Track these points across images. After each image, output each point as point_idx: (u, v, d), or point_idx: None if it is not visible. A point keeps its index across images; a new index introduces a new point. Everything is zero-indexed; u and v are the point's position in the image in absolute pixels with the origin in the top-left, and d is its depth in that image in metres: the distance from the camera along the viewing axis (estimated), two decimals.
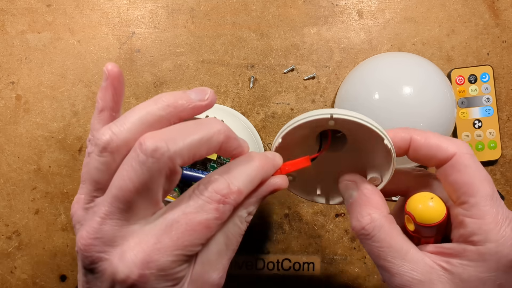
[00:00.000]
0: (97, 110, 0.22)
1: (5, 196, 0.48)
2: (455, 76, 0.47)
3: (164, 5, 0.49)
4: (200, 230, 0.19)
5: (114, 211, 0.19)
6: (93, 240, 0.19)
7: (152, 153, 0.17)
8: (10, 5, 0.49)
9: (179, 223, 0.19)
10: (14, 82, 0.49)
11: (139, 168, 0.18)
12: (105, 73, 0.21)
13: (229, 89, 0.49)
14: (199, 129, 0.19)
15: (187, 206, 0.19)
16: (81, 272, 0.20)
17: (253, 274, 0.48)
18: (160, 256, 0.18)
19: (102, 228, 0.19)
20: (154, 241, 0.18)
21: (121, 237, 0.19)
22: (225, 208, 0.19)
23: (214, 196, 0.19)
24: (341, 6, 0.49)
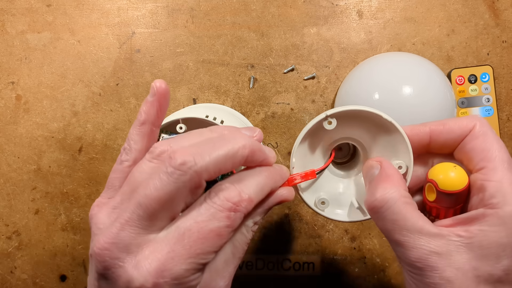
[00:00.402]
0: (138, 122, 0.23)
1: (5, 196, 0.48)
2: (455, 76, 0.47)
3: (164, 5, 0.49)
4: (212, 238, 0.19)
5: (135, 218, 0.19)
6: (109, 245, 0.19)
7: (179, 166, 0.18)
8: (10, 5, 0.49)
9: (191, 231, 0.19)
10: (14, 82, 0.49)
11: (166, 179, 0.18)
12: (153, 88, 0.22)
13: (229, 89, 0.49)
14: (224, 145, 0.20)
15: (198, 214, 0.19)
16: (93, 276, 0.20)
17: (253, 274, 0.48)
18: (173, 265, 0.18)
19: (120, 234, 0.19)
20: (168, 250, 0.19)
21: (137, 245, 0.19)
22: (236, 216, 0.20)
23: (226, 204, 0.19)
24: (341, 6, 0.49)
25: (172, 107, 0.49)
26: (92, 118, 0.49)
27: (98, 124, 0.49)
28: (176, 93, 0.49)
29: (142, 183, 0.19)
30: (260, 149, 0.22)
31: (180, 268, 0.18)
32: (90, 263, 0.20)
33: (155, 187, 0.19)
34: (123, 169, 0.22)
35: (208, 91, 0.49)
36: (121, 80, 0.49)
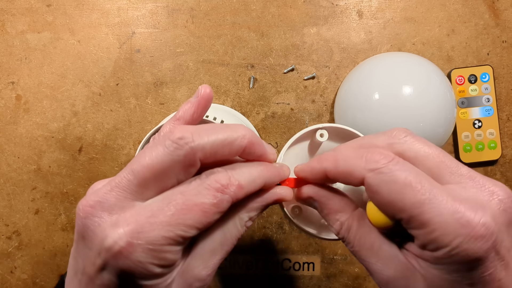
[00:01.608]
0: (174, 117, 0.24)
1: (5, 196, 0.48)
2: (455, 76, 0.47)
3: (164, 5, 0.49)
4: (195, 212, 0.19)
5: (124, 182, 0.19)
6: (94, 203, 0.19)
7: (177, 140, 0.19)
8: (10, 5, 0.49)
9: (176, 201, 0.19)
10: (14, 82, 0.49)
11: (162, 150, 0.19)
12: (198, 91, 0.24)
13: (229, 89, 0.49)
14: (224, 131, 0.21)
15: (186, 188, 0.20)
16: (75, 242, 0.20)
17: (253, 274, 0.48)
18: (151, 229, 0.18)
19: (107, 195, 0.19)
20: (149, 214, 0.19)
21: (120, 208, 0.19)
22: (223, 197, 0.20)
23: (214, 184, 0.20)
24: (341, 6, 0.49)
25: (172, 107, 0.49)
26: (92, 118, 0.49)
27: (98, 124, 0.49)
28: (176, 93, 0.49)
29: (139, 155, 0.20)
30: (259, 143, 0.22)
31: (157, 233, 0.18)
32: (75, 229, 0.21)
33: (150, 156, 0.19)
34: None
35: None
36: (121, 80, 0.49)
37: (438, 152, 0.21)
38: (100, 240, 0.18)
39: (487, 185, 0.19)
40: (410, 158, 0.20)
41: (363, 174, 0.20)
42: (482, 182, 0.19)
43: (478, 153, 0.47)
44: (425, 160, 0.20)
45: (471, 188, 0.19)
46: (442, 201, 0.18)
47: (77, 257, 0.20)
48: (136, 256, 0.18)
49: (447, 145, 0.48)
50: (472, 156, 0.47)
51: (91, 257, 0.19)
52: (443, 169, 0.20)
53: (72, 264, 0.21)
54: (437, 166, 0.20)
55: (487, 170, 0.48)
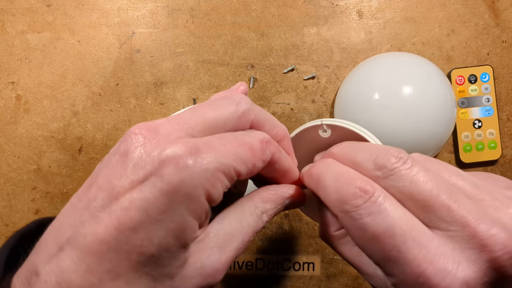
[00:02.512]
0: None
1: (5, 196, 0.48)
2: (455, 76, 0.47)
3: (164, 5, 0.49)
4: (246, 149, 0.19)
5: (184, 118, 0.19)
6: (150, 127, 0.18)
7: (240, 99, 0.21)
8: (10, 5, 0.49)
9: (227, 138, 0.19)
10: (14, 82, 0.49)
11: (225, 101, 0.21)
12: (235, 85, 0.26)
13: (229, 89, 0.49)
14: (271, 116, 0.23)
15: (235, 134, 0.20)
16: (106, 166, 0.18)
17: (253, 274, 0.48)
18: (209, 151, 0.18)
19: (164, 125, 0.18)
20: (204, 140, 0.18)
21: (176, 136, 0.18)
22: (267, 147, 0.20)
23: (260, 136, 0.21)
24: (341, 6, 0.49)
25: (172, 107, 0.49)
26: (92, 118, 0.49)
27: (98, 124, 0.49)
28: (176, 93, 0.49)
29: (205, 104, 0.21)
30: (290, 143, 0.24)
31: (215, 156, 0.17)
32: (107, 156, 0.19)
33: (215, 104, 0.20)
34: None
35: (208, 91, 0.49)
36: (121, 80, 0.49)
37: (430, 188, 0.18)
38: (153, 152, 0.17)
39: (480, 236, 0.16)
40: (394, 194, 0.18)
41: (336, 212, 0.19)
42: (473, 231, 0.16)
43: (478, 153, 0.47)
44: (408, 199, 0.18)
45: (459, 239, 0.17)
46: (409, 260, 0.17)
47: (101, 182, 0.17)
48: (192, 171, 0.16)
49: (447, 145, 0.48)
50: (472, 156, 0.47)
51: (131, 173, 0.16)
52: (430, 212, 0.17)
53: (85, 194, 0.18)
54: (423, 209, 0.18)
55: (487, 170, 0.48)
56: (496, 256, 0.16)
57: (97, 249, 0.16)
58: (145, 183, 0.16)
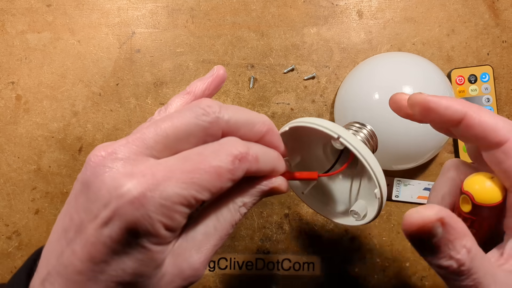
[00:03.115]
0: (184, 91, 0.24)
1: (5, 196, 0.48)
2: (455, 76, 0.47)
3: (164, 5, 0.49)
4: (211, 174, 0.18)
5: (144, 138, 0.19)
6: (107, 154, 0.18)
7: (205, 107, 0.19)
8: (10, 5, 0.49)
9: (193, 160, 0.19)
10: (14, 82, 0.49)
11: (189, 113, 0.19)
12: (213, 71, 0.25)
13: (229, 89, 0.49)
14: (249, 112, 0.21)
15: (204, 150, 0.19)
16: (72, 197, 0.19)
17: (253, 274, 0.48)
18: (167, 184, 0.18)
19: (122, 147, 0.18)
20: (166, 170, 0.18)
21: (134, 160, 0.18)
22: (239, 165, 0.19)
23: (233, 150, 0.19)
24: (341, 6, 0.49)
25: None
26: (92, 118, 0.49)
27: (98, 124, 0.49)
28: (176, 93, 0.49)
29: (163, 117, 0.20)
30: (277, 134, 0.23)
31: (172, 189, 0.18)
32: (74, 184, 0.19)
33: (177, 117, 0.19)
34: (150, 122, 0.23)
35: None
36: (121, 80, 0.49)
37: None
38: (110, 188, 0.17)
39: None
40: None
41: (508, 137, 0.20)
42: None
43: None
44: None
45: None
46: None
47: (72, 213, 0.19)
48: (147, 209, 0.17)
49: (447, 145, 0.48)
50: None
51: (94, 209, 0.18)
52: None
53: (61, 223, 0.19)
54: None
55: None
56: None
57: (77, 279, 0.18)
58: (108, 222, 0.17)
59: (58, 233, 0.19)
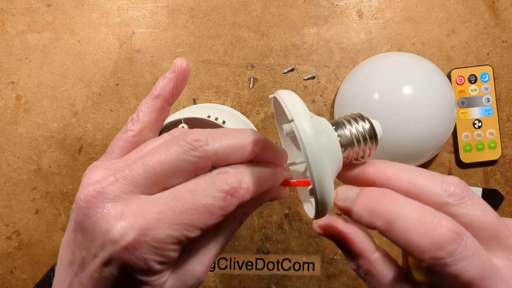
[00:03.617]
0: (151, 95, 0.23)
1: (5, 196, 0.48)
2: (455, 76, 0.47)
3: (164, 5, 0.49)
4: (203, 213, 0.19)
5: (133, 175, 0.19)
6: (97, 193, 0.18)
7: (192, 141, 0.19)
8: (10, 5, 0.49)
9: (185, 200, 0.19)
10: (14, 82, 0.49)
11: (176, 149, 0.19)
12: (174, 65, 0.23)
13: (229, 89, 0.49)
14: (237, 136, 0.20)
15: (196, 186, 0.19)
16: (70, 228, 0.20)
17: (253, 274, 0.48)
18: (158, 227, 0.18)
19: (111, 186, 0.19)
20: (157, 211, 0.18)
21: (125, 200, 0.19)
22: (231, 200, 0.19)
23: (224, 186, 0.19)
24: (341, 6, 0.49)
25: (172, 107, 0.49)
26: (92, 118, 0.49)
27: (98, 124, 0.49)
28: None
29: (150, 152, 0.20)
30: (271, 148, 0.22)
31: (164, 232, 0.18)
32: (71, 215, 0.20)
33: (165, 153, 0.19)
34: (126, 138, 0.22)
35: (208, 91, 0.49)
36: (121, 80, 0.49)
37: (493, 219, 0.18)
38: (104, 232, 0.18)
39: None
40: (463, 224, 0.18)
41: (423, 258, 0.18)
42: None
43: (478, 153, 0.47)
44: (479, 229, 0.18)
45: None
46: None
47: (73, 248, 0.19)
48: (141, 252, 0.18)
49: (447, 145, 0.48)
50: (472, 156, 0.47)
51: (92, 249, 0.18)
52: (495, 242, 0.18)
53: (66, 254, 0.20)
54: (490, 238, 0.18)
55: (487, 170, 0.48)
56: None
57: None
58: (107, 263, 0.18)
59: (65, 263, 0.20)
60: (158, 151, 0.19)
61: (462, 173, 0.48)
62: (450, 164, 0.48)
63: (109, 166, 0.21)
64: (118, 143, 0.22)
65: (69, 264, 0.20)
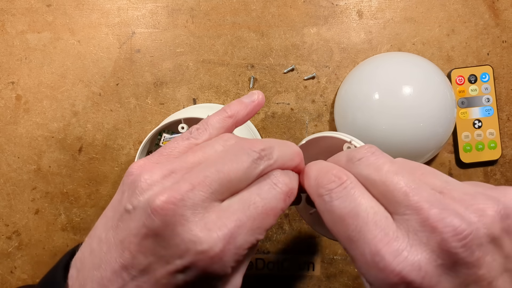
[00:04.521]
0: (225, 113, 0.25)
1: (5, 196, 0.48)
2: (455, 76, 0.47)
3: (164, 5, 0.49)
4: (271, 216, 0.20)
5: (208, 182, 0.19)
6: (177, 200, 0.18)
7: (260, 151, 0.20)
8: (10, 5, 0.49)
9: (256, 205, 0.19)
10: (14, 82, 0.49)
11: (247, 158, 0.20)
12: (253, 95, 0.26)
13: (229, 89, 0.49)
14: (289, 149, 0.22)
15: (261, 190, 0.20)
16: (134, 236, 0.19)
17: (253, 274, 0.48)
18: (239, 234, 0.19)
19: (190, 193, 0.19)
20: (235, 218, 0.19)
21: (203, 208, 0.19)
22: (289, 200, 0.21)
23: (285, 188, 0.21)
24: (341, 6, 0.49)
25: (172, 107, 0.49)
26: (92, 118, 0.49)
27: (98, 124, 0.49)
28: (176, 93, 0.49)
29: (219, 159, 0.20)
30: (303, 160, 0.24)
31: (243, 238, 0.19)
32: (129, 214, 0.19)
33: (236, 161, 0.20)
34: (188, 144, 0.23)
35: (208, 91, 0.49)
36: (121, 80, 0.49)
37: (385, 178, 0.19)
38: (187, 241, 0.18)
39: (432, 219, 0.17)
40: (362, 182, 0.20)
41: (313, 197, 0.21)
42: (426, 215, 0.17)
43: (478, 153, 0.47)
44: (373, 186, 0.20)
45: (414, 223, 0.18)
46: (368, 240, 0.18)
47: (136, 252, 0.19)
48: (224, 260, 0.18)
49: (447, 145, 0.48)
50: (472, 156, 0.47)
51: (166, 256, 0.18)
52: (390, 198, 0.19)
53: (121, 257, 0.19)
54: (384, 195, 0.19)
55: (487, 170, 0.48)
56: (445, 238, 0.17)
57: None
58: (183, 271, 0.18)
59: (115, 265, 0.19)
60: (228, 159, 0.20)
61: (462, 173, 0.48)
62: (450, 164, 0.48)
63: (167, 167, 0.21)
64: (178, 146, 0.22)
65: (123, 267, 0.19)
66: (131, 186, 0.20)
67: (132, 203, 0.19)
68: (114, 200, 0.21)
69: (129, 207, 0.19)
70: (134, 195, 0.19)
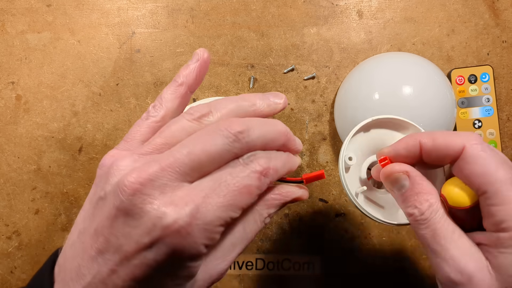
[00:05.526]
0: (175, 83, 0.24)
1: (5, 196, 0.48)
2: (455, 76, 0.47)
3: (164, 5, 0.49)
4: (244, 193, 0.20)
5: (179, 164, 0.19)
6: (145, 180, 0.18)
7: (236, 133, 0.20)
8: (10, 5, 0.49)
9: (227, 182, 0.20)
10: (14, 82, 0.49)
11: (221, 140, 0.20)
12: (197, 55, 0.24)
13: (229, 89, 0.49)
14: (272, 128, 0.22)
15: (233, 170, 0.20)
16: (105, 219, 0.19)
17: (253, 274, 0.48)
18: (208, 210, 0.19)
19: (158, 173, 0.19)
20: (203, 195, 0.19)
21: (172, 187, 0.19)
22: (265, 180, 0.21)
23: (258, 167, 0.21)
24: (341, 6, 0.49)
25: None
26: (92, 118, 0.49)
27: (98, 124, 0.49)
28: None
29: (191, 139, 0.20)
30: (294, 139, 0.24)
31: (213, 214, 0.19)
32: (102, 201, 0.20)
33: (210, 142, 0.20)
34: (149, 124, 0.23)
35: (208, 91, 0.49)
36: (121, 80, 0.49)
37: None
38: (155, 217, 0.18)
39: None
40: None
41: (463, 144, 0.22)
42: None
43: None
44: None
45: None
46: None
47: (108, 235, 0.19)
48: (193, 236, 0.18)
49: None
50: None
51: (135, 235, 0.18)
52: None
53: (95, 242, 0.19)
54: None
55: None
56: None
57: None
58: (152, 247, 0.18)
59: (90, 252, 0.19)
60: (201, 140, 0.20)
61: None
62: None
63: (137, 152, 0.21)
64: (140, 129, 0.23)
65: (98, 252, 0.19)
66: (104, 176, 0.20)
67: (105, 189, 0.20)
68: (90, 193, 0.22)
69: (102, 193, 0.20)
70: (107, 182, 0.20)
